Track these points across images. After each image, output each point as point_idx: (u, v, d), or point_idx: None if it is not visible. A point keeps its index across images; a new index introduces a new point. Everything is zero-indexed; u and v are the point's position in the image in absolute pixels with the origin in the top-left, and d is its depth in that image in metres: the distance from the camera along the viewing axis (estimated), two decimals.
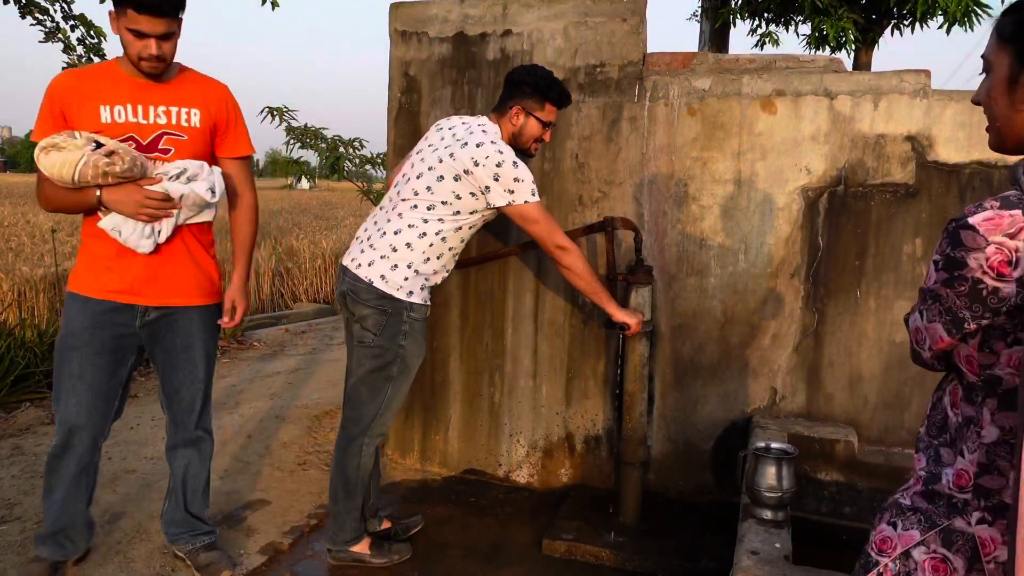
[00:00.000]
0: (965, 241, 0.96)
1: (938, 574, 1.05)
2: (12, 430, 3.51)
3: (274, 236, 11.75)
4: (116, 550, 2.43)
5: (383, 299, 2.29)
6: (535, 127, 2.39)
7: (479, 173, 2.24)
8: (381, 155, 4.70)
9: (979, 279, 0.96)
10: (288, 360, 5.08)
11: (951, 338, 1.04)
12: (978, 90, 1.09)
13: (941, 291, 1.02)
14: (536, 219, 2.29)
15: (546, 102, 2.38)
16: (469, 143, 2.27)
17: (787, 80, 2.64)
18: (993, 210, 0.96)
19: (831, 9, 6.82)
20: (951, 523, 1.05)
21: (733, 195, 2.72)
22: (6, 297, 6.42)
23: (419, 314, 2.34)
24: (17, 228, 11.57)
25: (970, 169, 2.52)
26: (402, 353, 2.33)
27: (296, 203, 25.27)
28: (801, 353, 2.73)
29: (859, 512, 2.50)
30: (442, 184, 2.27)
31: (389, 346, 2.32)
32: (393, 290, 2.27)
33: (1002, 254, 0.94)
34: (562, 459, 3.06)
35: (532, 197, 2.27)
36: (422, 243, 2.30)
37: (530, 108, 2.37)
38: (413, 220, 2.30)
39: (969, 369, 1.05)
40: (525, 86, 2.36)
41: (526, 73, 2.38)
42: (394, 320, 2.30)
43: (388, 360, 2.33)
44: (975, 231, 0.96)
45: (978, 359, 1.03)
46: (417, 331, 2.35)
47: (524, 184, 2.26)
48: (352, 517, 2.43)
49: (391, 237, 2.31)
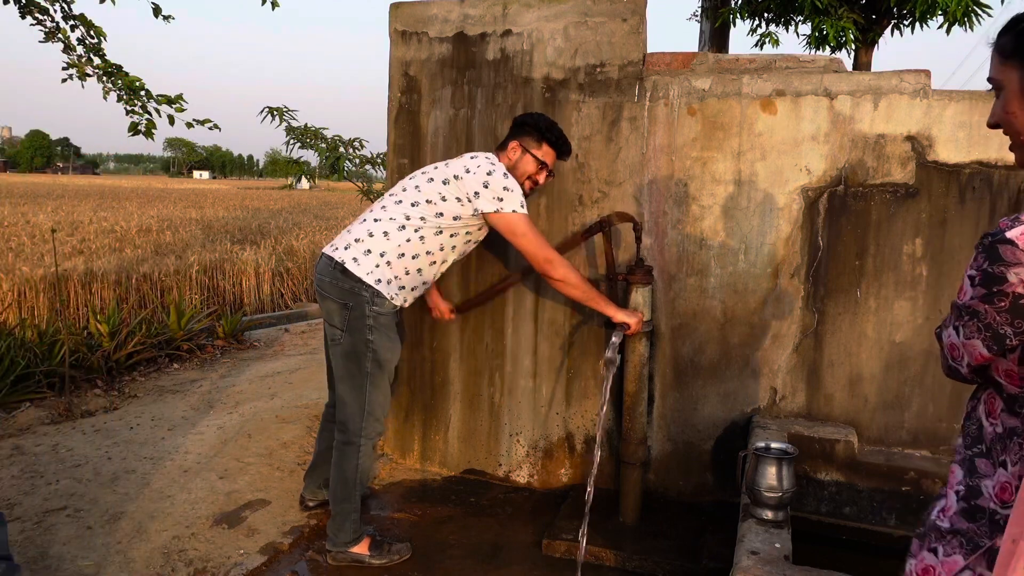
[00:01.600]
0: (1004, 256, 0.94)
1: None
2: (12, 430, 3.51)
3: (274, 236, 11.76)
4: (116, 550, 2.43)
5: (345, 293, 2.33)
6: (530, 163, 2.49)
7: (468, 179, 2.35)
8: (381, 155, 4.70)
9: (1020, 294, 0.94)
10: (288, 360, 5.08)
11: (991, 354, 1.01)
12: (992, 112, 1.07)
13: (979, 307, 0.99)
14: (525, 232, 2.36)
15: (544, 142, 2.51)
16: (464, 156, 2.44)
17: (787, 80, 2.64)
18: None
19: (831, 9, 6.82)
20: (994, 543, 1.01)
21: (733, 195, 2.72)
22: (6, 297, 6.42)
23: (383, 308, 2.36)
24: (17, 228, 11.56)
25: (970, 169, 2.52)
26: (373, 347, 2.36)
27: (296, 203, 25.27)
28: (801, 353, 2.73)
29: (859, 512, 2.50)
30: (431, 185, 2.39)
31: (357, 341, 2.36)
32: (363, 274, 2.32)
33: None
34: (562, 459, 3.06)
35: (521, 209, 2.36)
36: (399, 236, 2.36)
37: (527, 145, 2.50)
38: (395, 214, 2.39)
39: (1009, 382, 1.02)
40: (527, 126, 2.51)
41: (530, 116, 2.54)
42: (356, 314, 2.34)
43: (359, 356, 2.36)
44: (1015, 245, 0.93)
45: (1018, 373, 1.00)
46: (384, 326, 2.38)
47: (513, 195, 2.36)
48: (351, 518, 2.44)
49: (370, 224, 2.39)
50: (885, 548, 2.47)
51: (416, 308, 3.14)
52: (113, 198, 24.66)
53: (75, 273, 7.14)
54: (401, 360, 3.23)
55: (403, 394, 3.25)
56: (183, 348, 5.09)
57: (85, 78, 4.44)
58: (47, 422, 3.64)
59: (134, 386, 4.34)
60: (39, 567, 2.31)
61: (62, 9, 4.47)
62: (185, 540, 2.51)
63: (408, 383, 3.24)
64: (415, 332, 3.18)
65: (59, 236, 10.28)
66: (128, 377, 4.49)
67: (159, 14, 4.96)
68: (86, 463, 3.12)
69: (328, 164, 4.77)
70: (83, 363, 4.34)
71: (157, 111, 4.53)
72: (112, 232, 11.45)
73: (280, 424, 3.65)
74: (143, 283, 7.42)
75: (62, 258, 8.17)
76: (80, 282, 7.04)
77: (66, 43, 4.45)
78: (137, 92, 4.47)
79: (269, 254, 9.45)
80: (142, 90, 4.49)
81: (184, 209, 18.88)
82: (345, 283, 2.33)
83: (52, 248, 7.51)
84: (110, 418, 3.74)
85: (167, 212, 17.14)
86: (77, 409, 3.84)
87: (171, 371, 4.73)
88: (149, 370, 4.69)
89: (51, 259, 7.69)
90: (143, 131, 4.53)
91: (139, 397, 4.13)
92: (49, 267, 7.13)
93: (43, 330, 4.62)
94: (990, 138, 2.46)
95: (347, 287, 2.33)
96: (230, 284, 8.36)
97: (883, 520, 2.48)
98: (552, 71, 2.88)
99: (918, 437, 2.66)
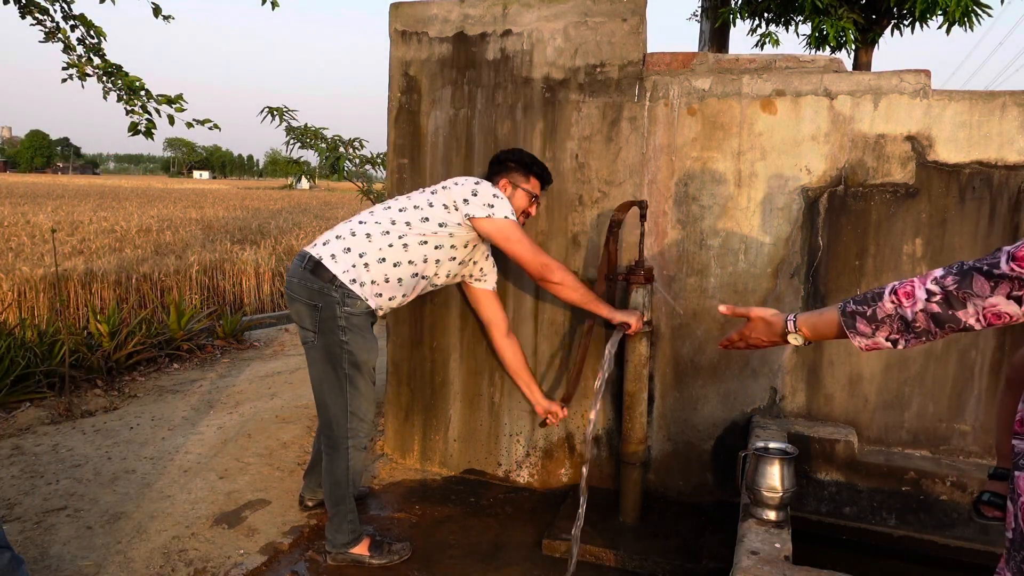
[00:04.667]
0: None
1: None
2: (12, 430, 3.51)
3: (274, 236, 11.77)
4: (116, 550, 2.43)
5: (314, 293, 2.31)
6: (523, 198, 2.56)
7: (456, 190, 2.40)
8: (381, 155, 4.71)
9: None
10: (288, 360, 5.08)
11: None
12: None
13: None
14: (520, 238, 2.38)
15: (530, 175, 2.57)
16: (455, 176, 2.51)
17: (787, 80, 2.64)
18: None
19: (831, 9, 6.82)
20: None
21: (733, 195, 2.72)
22: (6, 297, 6.42)
23: (355, 309, 2.33)
24: (17, 228, 11.57)
25: (970, 169, 2.52)
26: (348, 348, 2.33)
27: (296, 203, 25.28)
28: (801, 353, 2.73)
29: (859, 512, 2.50)
30: (421, 194, 2.45)
31: (331, 343, 2.32)
32: (339, 272, 2.30)
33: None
34: (562, 459, 3.06)
35: (512, 216, 2.39)
36: (382, 240, 2.36)
37: (516, 181, 2.55)
38: (381, 218, 2.40)
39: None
40: (510, 163, 2.56)
41: (511, 153, 2.59)
42: (327, 315, 2.31)
43: (335, 359, 2.34)
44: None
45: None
46: (357, 326, 2.34)
47: (503, 202, 2.39)
48: (348, 520, 2.43)
49: (354, 225, 2.41)
50: (885, 548, 2.47)
51: (415, 306, 3.14)
52: (113, 198, 24.67)
53: (75, 273, 7.14)
54: (401, 360, 3.23)
55: (403, 394, 3.25)
56: (183, 348, 5.09)
57: (85, 78, 4.45)
58: (47, 422, 3.64)
59: (134, 386, 4.34)
60: (39, 567, 2.31)
61: (62, 9, 4.47)
62: (185, 540, 2.51)
63: (408, 383, 3.24)
64: (415, 332, 3.18)
65: (59, 236, 10.28)
66: (128, 377, 4.49)
67: (159, 14, 4.97)
68: (86, 463, 3.12)
69: (328, 164, 4.77)
70: (83, 363, 4.34)
71: (157, 111, 4.54)
72: (112, 232, 11.45)
73: (280, 424, 3.65)
74: (143, 283, 7.42)
75: (62, 258, 8.17)
76: (80, 282, 7.05)
77: (66, 43, 4.45)
78: (137, 92, 4.47)
79: (269, 254, 9.45)
80: (142, 90, 4.49)
81: (184, 209, 18.88)
82: (314, 283, 2.29)
83: (52, 248, 7.51)
84: (110, 418, 3.74)
85: (167, 212, 17.15)
86: (77, 409, 3.84)
87: (171, 371, 4.73)
88: (149, 370, 4.69)
89: (51, 259, 7.70)
90: (143, 131, 4.54)
91: (139, 397, 4.13)
92: (49, 267, 7.14)
93: (43, 330, 4.62)
94: (990, 138, 2.46)
95: (316, 287, 2.29)
96: (230, 284, 8.36)
97: (883, 520, 2.48)
98: (552, 71, 2.88)
99: (918, 437, 2.66)
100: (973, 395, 2.61)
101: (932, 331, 1.13)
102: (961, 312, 1.08)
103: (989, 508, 1.80)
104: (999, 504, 1.77)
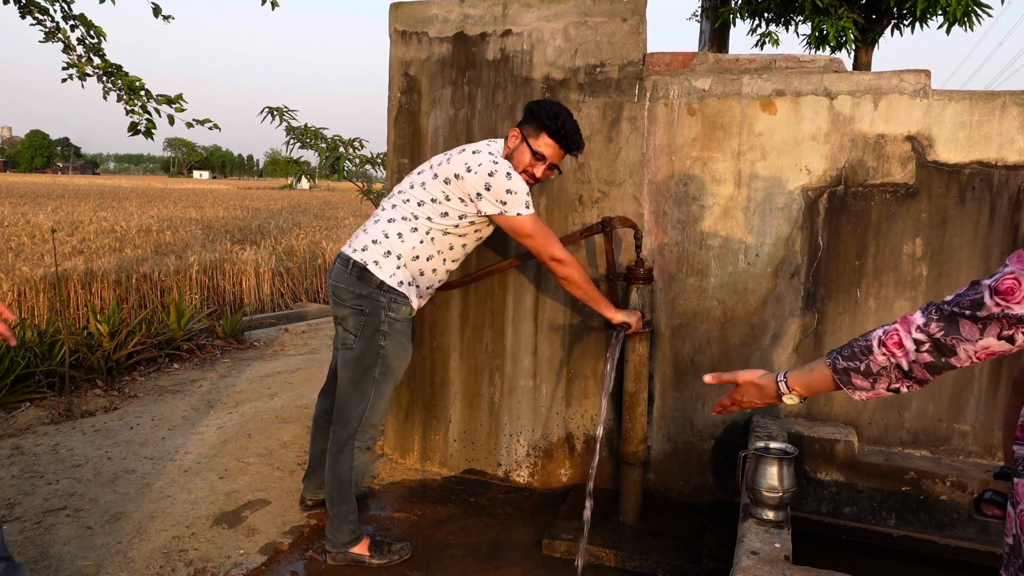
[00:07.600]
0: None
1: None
2: (12, 430, 3.51)
3: (274, 236, 11.76)
4: (116, 550, 2.43)
5: (362, 299, 2.32)
6: (525, 153, 2.37)
7: (469, 180, 2.28)
8: (381, 155, 4.70)
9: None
10: (288, 360, 5.08)
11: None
12: None
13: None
14: (531, 232, 2.32)
15: (543, 131, 2.35)
16: (467, 150, 2.36)
17: (787, 80, 2.64)
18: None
19: (831, 9, 6.82)
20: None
21: (733, 195, 2.72)
22: (6, 297, 6.42)
23: (399, 314, 2.35)
24: (17, 228, 11.56)
25: (970, 169, 2.52)
26: (383, 354, 2.35)
27: (296, 203, 25.28)
28: (801, 353, 2.73)
29: (859, 512, 2.50)
30: (435, 182, 2.35)
31: (369, 348, 2.34)
32: (386, 276, 2.32)
33: None
34: (562, 459, 3.06)
35: (526, 210, 2.30)
36: (412, 238, 2.36)
37: (526, 133, 2.38)
38: (405, 213, 2.37)
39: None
40: (531, 113, 2.37)
41: (539, 103, 2.38)
42: (372, 320, 2.32)
43: (370, 362, 2.35)
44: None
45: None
46: (398, 332, 2.36)
47: (517, 196, 2.28)
48: (349, 519, 2.44)
49: (384, 224, 2.38)
50: (885, 548, 2.47)
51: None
52: (113, 198, 24.66)
53: (75, 273, 7.14)
54: None
55: (403, 394, 3.25)
56: (183, 348, 5.09)
57: (85, 78, 4.44)
58: (47, 422, 3.64)
59: (134, 386, 4.34)
60: (39, 567, 2.31)
61: (62, 9, 4.47)
62: (185, 540, 2.51)
63: (408, 383, 3.24)
64: (415, 332, 3.18)
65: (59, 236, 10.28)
66: (128, 377, 4.49)
67: (159, 14, 4.97)
68: (86, 463, 3.12)
69: (328, 164, 4.77)
70: (83, 363, 4.34)
71: (157, 111, 4.53)
72: (112, 232, 11.45)
73: (280, 424, 3.65)
74: (143, 283, 7.42)
75: (62, 258, 8.17)
76: (80, 282, 7.04)
77: (66, 43, 4.45)
78: (137, 92, 4.47)
79: (269, 254, 9.45)
80: (142, 90, 4.49)
81: (184, 209, 18.88)
82: (363, 289, 2.31)
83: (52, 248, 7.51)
84: (110, 418, 3.74)
85: (167, 212, 17.15)
86: (77, 409, 3.84)
87: (171, 371, 4.73)
88: (149, 370, 4.69)
89: (51, 259, 7.70)
90: (143, 131, 4.53)
91: (139, 397, 4.13)
92: (49, 267, 7.14)
93: (43, 330, 4.62)
94: (990, 138, 2.46)
95: (364, 293, 2.31)
96: (230, 284, 8.36)
97: (883, 520, 2.49)
98: (552, 71, 2.88)
99: (918, 437, 2.66)
100: (973, 395, 2.61)
101: (930, 378, 1.14)
102: (954, 359, 1.08)
103: (990, 506, 1.80)
104: (1000, 503, 1.77)
